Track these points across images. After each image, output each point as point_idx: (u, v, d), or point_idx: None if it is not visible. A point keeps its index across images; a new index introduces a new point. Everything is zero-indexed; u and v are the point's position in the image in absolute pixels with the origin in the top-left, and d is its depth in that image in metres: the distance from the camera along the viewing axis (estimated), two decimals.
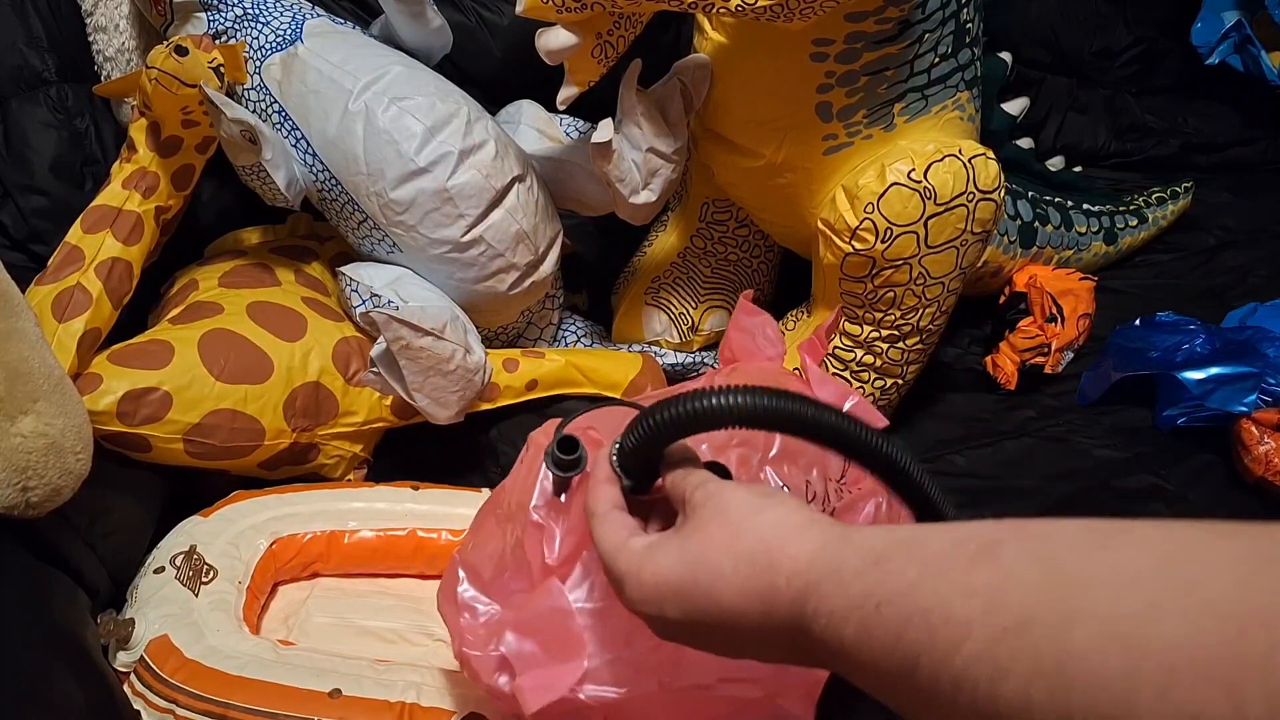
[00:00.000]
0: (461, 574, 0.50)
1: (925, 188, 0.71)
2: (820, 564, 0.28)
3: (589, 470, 0.43)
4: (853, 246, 0.73)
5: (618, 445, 0.39)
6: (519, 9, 0.63)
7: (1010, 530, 0.25)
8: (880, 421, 0.59)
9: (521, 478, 0.48)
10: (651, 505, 0.40)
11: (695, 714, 0.45)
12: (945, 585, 0.24)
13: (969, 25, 0.76)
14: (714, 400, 0.34)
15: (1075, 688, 0.20)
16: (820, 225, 0.76)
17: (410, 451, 0.79)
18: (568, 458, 0.43)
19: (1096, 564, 0.22)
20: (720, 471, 0.39)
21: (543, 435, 0.50)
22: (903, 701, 0.25)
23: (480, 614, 0.49)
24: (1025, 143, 0.99)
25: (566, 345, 0.90)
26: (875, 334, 0.79)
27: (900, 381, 0.82)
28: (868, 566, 0.27)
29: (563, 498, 0.45)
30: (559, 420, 0.46)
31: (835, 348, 0.81)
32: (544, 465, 0.45)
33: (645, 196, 0.77)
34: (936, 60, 0.74)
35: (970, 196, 0.72)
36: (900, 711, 0.26)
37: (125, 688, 0.57)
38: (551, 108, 0.80)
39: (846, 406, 0.57)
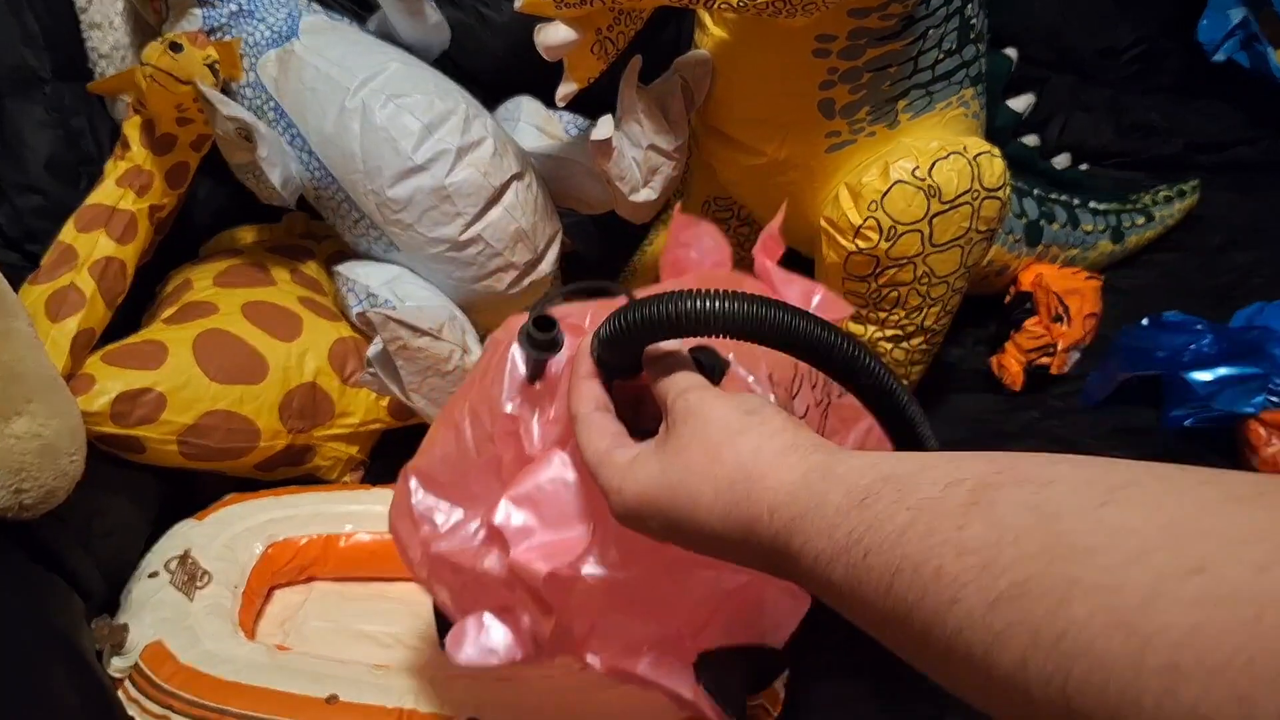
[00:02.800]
0: (414, 483, 0.47)
1: (929, 185, 0.70)
2: (802, 498, 0.27)
3: (569, 356, 0.40)
4: (856, 245, 0.73)
5: (595, 339, 0.36)
6: (517, 5, 0.62)
7: (1005, 472, 0.23)
8: (845, 311, 0.56)
9: (481, 373, 0.45)
10: (639, 396, 0.38)
11: (695, 595, 0.43)
12: (936, 538, 0.22)
13: (973, 21, 0.75)
14: (699, 304, 0.32)
15: (1075, 669, 0.18)
16: (823, 224, 0.75)
17: (407, 453, 0.78)
18: (543, 336, 0.40)
19: (1097, 526, 0.20)
20: (709, 361, 0.37)
21: (504, 333, 0.46)
22: (899, 647, 0.24)
23: (441, 523, 0.46)
24: (1031, 140, 0.98)
25: None
26: (879, 334, 0.78)
27: (904, 382, 0.82)
28: (853, 506, 0.25)
29: (537, 385, 0.42)
30: (525, 313, 0.43)
31: None
32: (514, 352, 0.42)
33: (646, 194, 0.76)
34: (941, 56, 0.73)
35: (975, 194, 0.71)
36: (900, 656, 0.24)
37: (120, 693, 0.57)
38: (551, 104, 0.79)
39: (815, 302, 0.54)
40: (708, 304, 0.32)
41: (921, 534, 0.23)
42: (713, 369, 0.38)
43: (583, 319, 0.44)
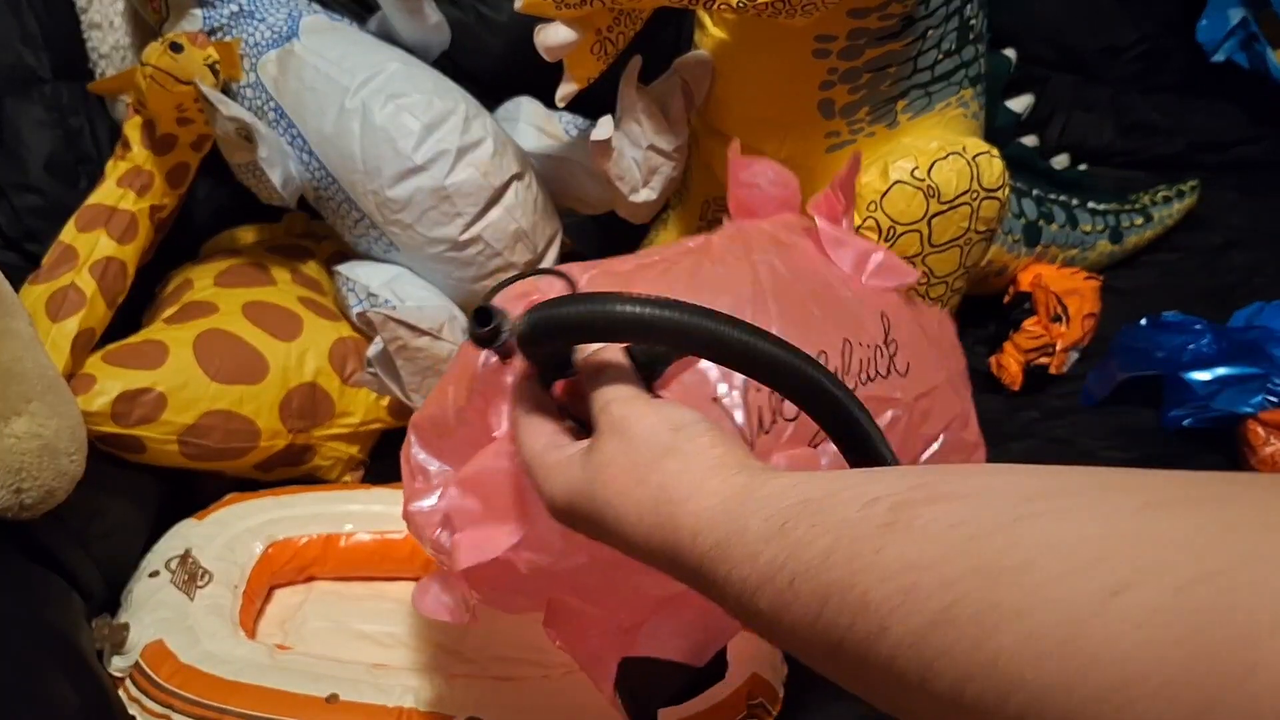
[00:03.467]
0: (412, 437, 0.49)
1: (929, 186, 0.70)
2: (723, 525, 0.26)
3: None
4: None
5: (517, 334, 0.35)
6: (517, 5, 0.62)
7: (920, 488, 0.22)
8: (910, 275, 0.54)
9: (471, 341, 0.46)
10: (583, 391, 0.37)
11: (639, 587, 0.44)
12: (859, 563, 0.22)
13: (973, 21, 0.75)
14: (621, 308, 0.30)
15: (1013, 698, 0.18)
16: None
17: None
18: (482, 331, 0.38)
19: (1013, 544, 0.19)
20: (647, 357, 0.35)
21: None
22: (836, 675, 0.24)
23: (433, 475, 0.48)
24: (1030, 140, 0.98)
25: None
26: None
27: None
28: (774, 532, 0.25)
29: (508, 362, 0.42)
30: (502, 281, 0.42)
31: None
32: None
33: (645, 194, 0.76)
34: (940, 57, 0.73)
35: (974, 195, 0.71)
36: (838, 683, 0.24)
37: (120, 693, 0.57)
38: (550, 105, 0.79)
39: (872, 264, 0.52)
40: (622, 309, 0.30)
41: (844, 559, 0.22)
42: (651, 366, 0.37)
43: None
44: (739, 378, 0.43)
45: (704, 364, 0.43)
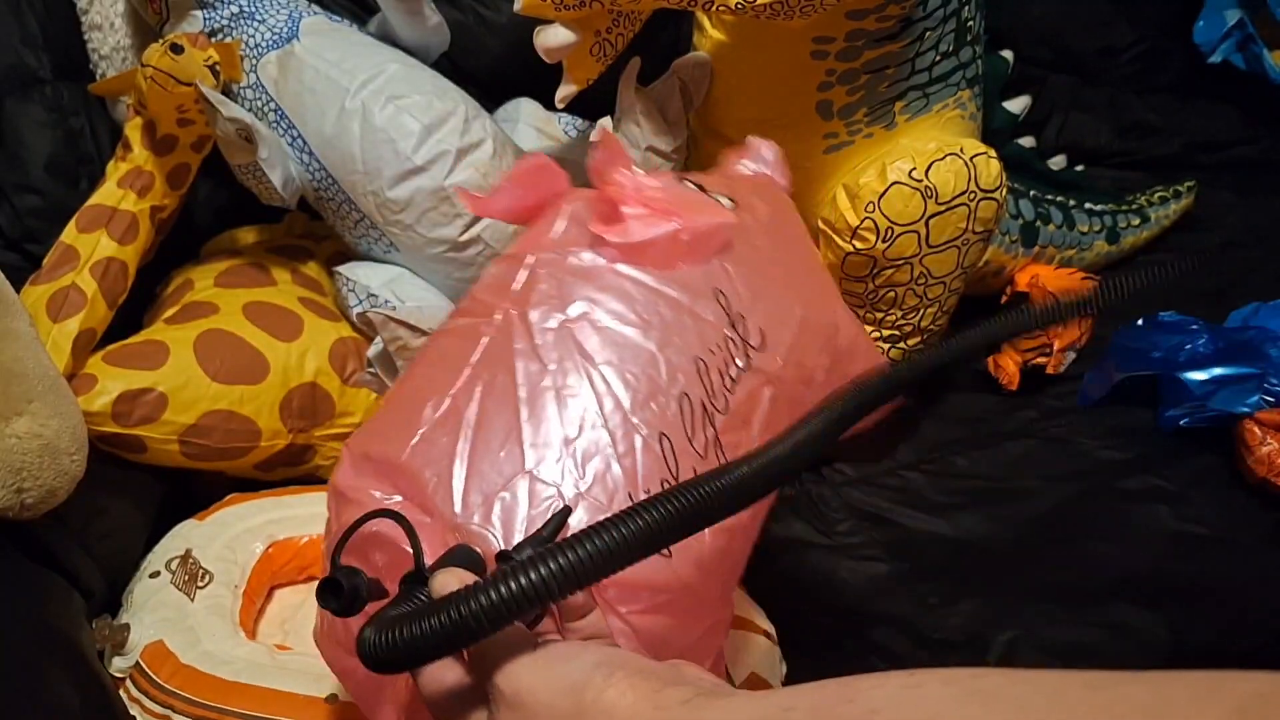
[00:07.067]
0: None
1: (926, 186, 0.70)
2: None
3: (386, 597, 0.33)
4: (853, 246, 0.73)
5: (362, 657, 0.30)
6: (517, 6, 0.62)
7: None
8: (726, 219, 0.46)
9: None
10: None
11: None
12: None
13: (970, 23, 0.75)
14: (480, 605, 0.26)
15: None
16: (821, 224, 0.75)
17: None
18: (341, 604, 0.32)
19: None
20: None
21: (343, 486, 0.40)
22: None
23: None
24: (1027, 141, 0.98)
25: None
26: (877, 335, 0.78)
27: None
28: None
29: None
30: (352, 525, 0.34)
31: None
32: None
33: None
34: (938, 58, 0.74)
35: (972, 195, 0.71)
36: None
37: (121, 693, 0.57)
38: (550, 106, 0.80)
39: (684, 243, 0.45)
40: (480, 606, 0.26)
41: None
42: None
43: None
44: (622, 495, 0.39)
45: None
